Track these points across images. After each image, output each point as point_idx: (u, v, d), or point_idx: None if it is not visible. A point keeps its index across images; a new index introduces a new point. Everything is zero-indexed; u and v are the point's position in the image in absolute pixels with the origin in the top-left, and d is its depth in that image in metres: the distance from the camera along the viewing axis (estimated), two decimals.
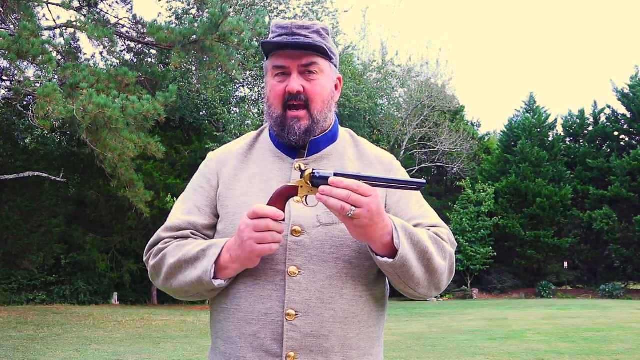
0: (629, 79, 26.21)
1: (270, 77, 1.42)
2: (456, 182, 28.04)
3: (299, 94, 1.38)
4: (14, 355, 7.88)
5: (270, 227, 1.23)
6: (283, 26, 1.40)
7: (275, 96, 1.40)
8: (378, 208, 1.20)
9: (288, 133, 1.39)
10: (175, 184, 17.81)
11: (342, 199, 1.17)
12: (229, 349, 1.35)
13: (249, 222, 1.24)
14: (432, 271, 1.33)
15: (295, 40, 1.37)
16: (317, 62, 1.39)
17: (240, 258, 1.27)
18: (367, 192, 1.18)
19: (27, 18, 10.98)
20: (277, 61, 1.39)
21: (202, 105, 19.05)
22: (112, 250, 18.88)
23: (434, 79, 26.07)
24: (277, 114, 1.40)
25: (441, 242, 1.36)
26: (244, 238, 1.24)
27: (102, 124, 10.59)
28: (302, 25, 1.40)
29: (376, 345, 1.40)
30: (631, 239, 23.89)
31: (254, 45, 12.46)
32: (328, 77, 1.43)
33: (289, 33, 1.39)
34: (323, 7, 19.85)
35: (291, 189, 1.27)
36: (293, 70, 1.38)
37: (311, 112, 1.39)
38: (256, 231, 1.23)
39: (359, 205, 1.18)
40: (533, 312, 15.92)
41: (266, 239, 1.23)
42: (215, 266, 1.30)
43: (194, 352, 8.52)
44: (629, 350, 8.42)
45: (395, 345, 9.21)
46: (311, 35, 1.39)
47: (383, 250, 1.27)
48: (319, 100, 1.40)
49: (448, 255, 1.37)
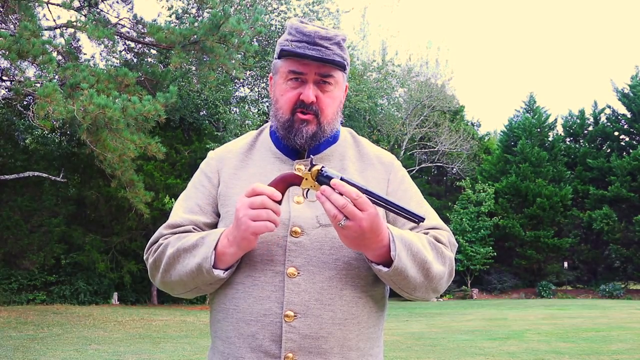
0: (629, 79, 26.25)
1: (282, 79, 1.40)
2: (456, 182, 28.04)
3: (312, 105, 1.37)
4: (14, 355, 7.88)
5: (266, 204, 1.21)
6: (305, 33, 1.37)
7: (286, 101, 1.38)
8: (371, 225, 1.19)
9: (295, 135, 1.38)
10: (176, 184, 17.82)
11: (339, 206, 1.17)
12: (227, 349, 1.35)
13: (245, 199, 1.23)
14: (430, 278, 1.33)
15: (317, 52, 1.34)
16: (334, 74, 1.38)
17: (236, 239, 1.25)
18: (364, 206, 1.18)
19: (28, 18, 10.98)
20: (295, 66, 1.37)
21: (202, 105, 19.04)
22: (112, 250, 18.88)
23: (433, 78, 26.09)
24: (285, 118, 1.39)
25: (440, 247, 1.36)
26: (239, 216, 1.23)
27: (102, 124, 10.58)
28: (325, 35, 1.37)
29: (376, 346, 1.40)
30: (631, 239, 23.89)
31: (254, 46, 12.46)
32: (340, 89, 1.42)
33: (311, 42, 1.36)
34: (324, 8, 19.85)
35: (295, 177, 1.26)
36: (309, 79, 1.37)
37: (320, 121, 1.38)
38: (252, 208, 1.22)
39: (352, 218, 1.17)
40: (533, 312, 15.92)
41: (261, 216, 1.21)
42: (215, 252, 1.29)
43: (194, 352, 8.52)
44: (629, 350, 8.42)
45: (395, 345, 9.21)
46: (332, 47, 1.37)
47: (378, 259, 1.27)
48: (330, 112, 1.40)
49: (447, 261, 1.37)
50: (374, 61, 23.92)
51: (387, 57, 25.21)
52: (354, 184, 1.20)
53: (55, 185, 17.90)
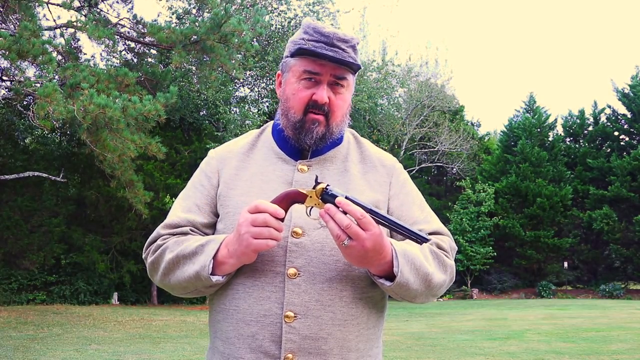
0: (630, 78, 26.23)
1: (294, 78, 1.39)
2: (456, 182, 28.03)
3: (324, 105, 1.37)
4: (14, 355, 7.87)
5: (268, 222, 1.22)
6: (324, 34, 1.36)
7: (298, 101, 1.38)
8: (374, 245, 1.20)
9: (305, 135, 1.38)
10: (175, 184, 17.82)
11: (342, 226, 1.18)
12: (227, 349, 1.35)
13: (248, 216, 1.23)
14: (431, 287, 1.35)
15: (335, 54, 1.34)
16: (347, 77, 1.39)
17: (237, 253, 1.26)
18: (368, 226, 1.19)
19: (28, 18, 10.99)
20: (311, 66, 1.37)
21: (202, 105, 19.04)
22: (112, 250, 18.88)
23: (433, 78, 26.06)
24: (296, 118, 1.39)
25: (442, 256, 1.38)
26: (241, 232, 1.24)
27: (102, 124, 10.58)
28: (343, 37, 1.37)
29: (375, 347, 1.41)
30: (631, 239, 23.89)
31: (255, 46, 12.45)
32: (350, 92, 1.43)
33: (329, 43, 1.35)
34: (324, 8, 19.84)
35: (299, 195, 1.26)
36: (324, 80, 1.37)
37: (329, 122, 1.39)
38: (254, 225, 1.22)
39: (355, 238, 1.18)
40: (533, 312, 15.92)
41: (263, 234, 1.22)
42: (214, 261, 1.29)
43: (194, 352, 8.51)
44: (629, 350, 8.42)
45: (395, 345, 9.21)
46: (348, 50, 1.37)
47: (382, 273, 1.29)
48: (340, 114, 1.40)
49: (449, 269, 1.39)
50: (374, 61, 23.91)
51: (387, 57, 25.20)
52: (358, 203, 1.20)
53: (55, 185, 17.90)
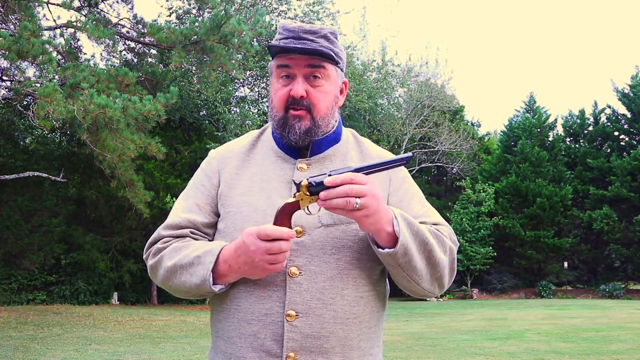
0: (630, 78, 26.25)
1: (275, 78, 1.41)
2: (456, 182, 28.04)
3: (302, 99, 1.37)
4: (14, 355, 7.87)
5: (283, 249, 1.23)
6: (290, 29, 1.39)
7: (278, 99, 1.39)
8: (377, 193, 1.22)
9: (289, 132, 1.38)
10: (176, 184, 17.82)
11: (344, 195, 1.19)
12: (229, 348, 1.35)
13: (261, 245, 1.22)
14: (433, 263, 1.33)
15: (302, 45, 1.36)
16: (323, 67, 1.38)
17: (246, 273, 1.28)
18: (363, 180, 1.21)
19: (28, 18, 10.98)
20: (282, 60, 1.38)
21: (202, 105, 19.05)
22: (112, 250, 18.88)
23: (433, 78, 26.07)
24: (279, 116, 1.39)
25: (441, 236, 1.37)
26: (255, 260, 1.24)
27: (102, 124, 10.58)
28: (310, 29, 1.38)
29: (376, 346, 1.41)
30: (631, 239, 23.90)
31: (255, 46, 12.45)
32: (333, 83, 1.42)
33: (295, 37, 1.37)
34: (324, 8, 19.85)
35: (293, 205, 1.26)
36: (298, 74, 1.37)
37: (313, 116, 1.38)
38: (269, 254, 1.22)
39: (362, 195, 1.19)
40: (533, 312, 15.92)
41: (278, 260, 1.24)
42: (213, 273, 1.30)
43: (194, 352, 8.51)
44: (629, 350, 8.42)
45: (395, 345, 9.21)
46: (318, 40, 1.38)
47: (387, 242, 1.28)
48: (322, 107, 1.39)
49: (448, 250, 1.38)
50: (374, 61, 23.92)
51: (387, 57, 25.22)
52: (341, 171, 1.22)
53: (55, 185, 17.90)
